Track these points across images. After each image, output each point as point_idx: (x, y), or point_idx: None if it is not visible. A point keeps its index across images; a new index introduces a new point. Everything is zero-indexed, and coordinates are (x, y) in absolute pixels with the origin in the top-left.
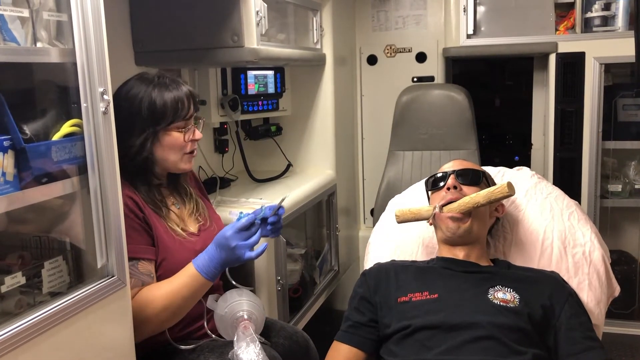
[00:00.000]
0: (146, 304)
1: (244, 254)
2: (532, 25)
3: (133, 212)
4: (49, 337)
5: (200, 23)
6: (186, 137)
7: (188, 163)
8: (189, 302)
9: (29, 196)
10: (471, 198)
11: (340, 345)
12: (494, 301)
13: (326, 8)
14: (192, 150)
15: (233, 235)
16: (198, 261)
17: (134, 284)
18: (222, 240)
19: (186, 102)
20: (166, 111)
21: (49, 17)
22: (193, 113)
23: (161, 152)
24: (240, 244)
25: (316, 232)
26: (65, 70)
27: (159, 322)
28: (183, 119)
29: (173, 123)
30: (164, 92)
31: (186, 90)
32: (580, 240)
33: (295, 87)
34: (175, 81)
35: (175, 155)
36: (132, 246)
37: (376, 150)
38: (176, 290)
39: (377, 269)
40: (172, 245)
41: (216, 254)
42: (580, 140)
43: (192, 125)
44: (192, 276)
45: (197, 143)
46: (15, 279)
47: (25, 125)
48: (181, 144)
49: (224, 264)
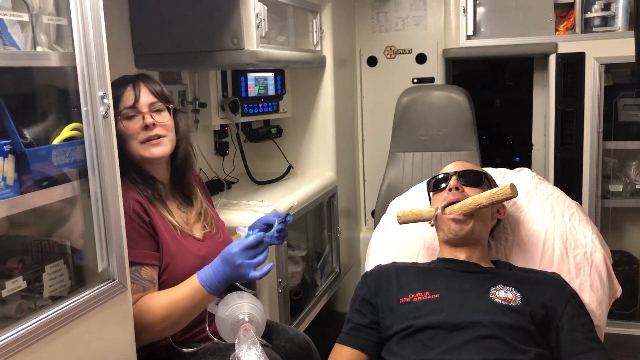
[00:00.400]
0: (147, 312)
1: (249, 273)
2: (532, 25)
3: (139, 216)
4: (50, 342)
5: (200, 26)
6: (132, 125)
7: (148, 149)
8: (189, 313)
9: (30, 200)
10: (474, 199)
11: (342, 348)
12: (496, 300)
13: (326, 10)
14: (148, 137)
15: (239, 253)
16: (202, 274)
17: (136, 290)
18: (227, 256)
19: (129, 94)
20: (114, 105)
21: (48, 21)
22: (137, 100)
23: (124, 146)
24: (246, 262)
25: (317, 234)
26: (65, 74)
27: (158, 331)
28: (126, 108)
29: (119, 114)
30: (115, 88)
31: (141, 83)
32: (581, 241)
33: (295, 89)
34: (138, 76)
35: (132, 145)
36: (136, 251)
37: (377, 152)
38: (177, 301)
39: (378, 270)
40: (177, 251)
41: (220, 269)
42: (580, 140)
43: (146, 112)
44: (194, 288)
45: (163, 130)
46: (16, 284)
47: (25, 130)
48: (130, 132)
49: (227, 280)
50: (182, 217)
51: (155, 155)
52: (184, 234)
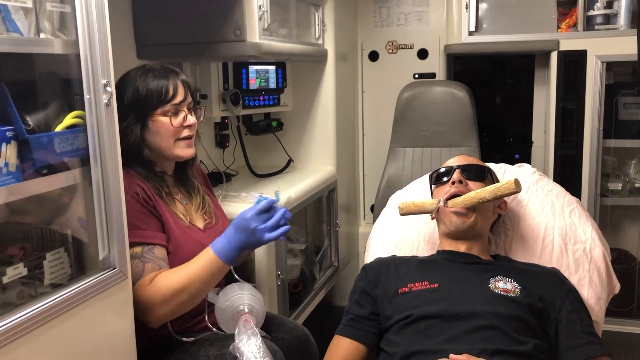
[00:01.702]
0: (166, 286)
1: (264, 236)
2: (534, 22)
3: (145, 200)
4: (50, 329)
5: (202, 17)
6: (174, 123)
7: (184, 149)
8: (207, 286)
9: (31, 187)
10: (477, 193)
11: (341, 339)
12: (495, 290)
13: (328, 3)
14: (186, 136)
15: (253, 217)
16: (216, 244)
17: (152, 269)
18: (241, 222)
19: (171, 89)
20: (148, 98)
21: (52, 8)
22: (183, 100)
23: (152, 139)
24: (261, 226)
25: (316, 227)
26: (68, 61)
27: (177, 305)
28: (168, 104)
29: (157, 109)
30: (149, 80)
31: (177, 79)
32: (581, 237)
33: (296, 83)
34: (170, 70)
35: (167, 142)
36: (147, 232)
37: (377, 147)
38: (195, 273)
39: (378, 262)
40: (181, 237)
41: (235, 237)
42: (580, 138)
43: (185, 112)
44: (210, 259)
45: (195, 130)
46: (17, 270)
47: (28, 116)
48: (169, 129)
49: (243, 247)
50: (185, 208)
51: (188, 155)
52: (188, 224)
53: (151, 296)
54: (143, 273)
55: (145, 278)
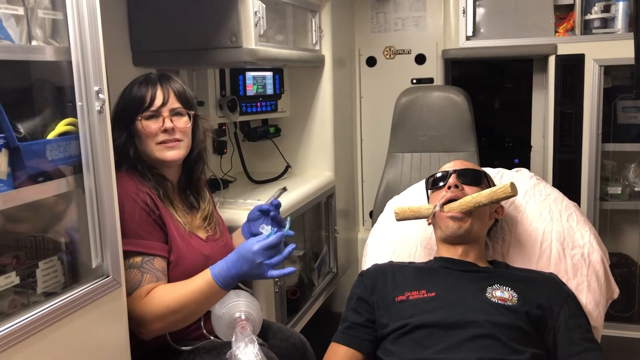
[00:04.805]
0: (160, 302)
1: (267, 272)
2: (531, 27)
3: (151, 208)
4: (42, 337)
5: (198, 23)
6: (152, 127)
7: (163, 152)
8: (201, 308)
9: (23, 195)
10: (473, 197)
11: (337, 347)
12: (492, 299)
13: (325, 9)
14: (165, 140)
15: (260, 251)
16: (216, 269)
17: (149, 280)
18: (247, 254)
19: (149, 96)
20: (132, 103)
21: (44, 15)
22: (163, 104)
23: (140, 144)
24: (266, 262)
25: (315, 234)
26: (60, 68)
27: (170, 323)
28: (147, 110)
29: (141, 113)
30: (135, 88)
31: (166, 84)
32: (579, 241)
33: (294, 89)
34: (162, 76)
35: (149, 146)
36: (149, 242)
37: (375, 152)
38: (190, 294)
39: (375, 269)
40: (184, 247)
41: (237, 265)
42: (579, 142)
43: (167, 116)
44: (207, 283)
45: (176, 134)
46: (10, 279)
47: (19, 124)
48: (150, 132)
49: (242, 277)
50: (187, 218)
51: (169, 158)
52: (189, 232)
53: (145, 311)
54: (140, 284)
55: (142, 289)
